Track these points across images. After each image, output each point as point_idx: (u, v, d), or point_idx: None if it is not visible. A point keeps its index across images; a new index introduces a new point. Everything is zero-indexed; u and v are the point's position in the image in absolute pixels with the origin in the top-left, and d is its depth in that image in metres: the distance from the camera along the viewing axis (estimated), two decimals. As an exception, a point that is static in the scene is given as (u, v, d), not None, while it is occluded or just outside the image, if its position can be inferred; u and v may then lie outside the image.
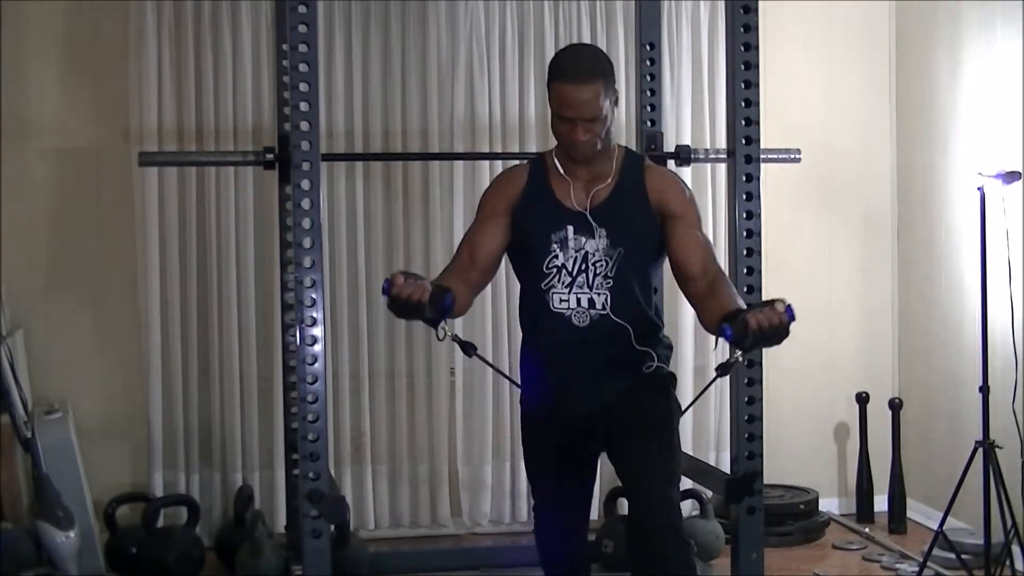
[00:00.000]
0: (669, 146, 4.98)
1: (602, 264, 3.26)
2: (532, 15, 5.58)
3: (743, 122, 4.10)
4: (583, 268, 3.27)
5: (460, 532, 5.63)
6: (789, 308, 2.94)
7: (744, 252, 4.09)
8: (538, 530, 3.50)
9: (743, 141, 4.11)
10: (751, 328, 2.93)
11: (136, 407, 5.38)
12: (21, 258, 5.26)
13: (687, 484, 4.94)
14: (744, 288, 4.07)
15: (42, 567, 4.49)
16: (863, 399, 5.82)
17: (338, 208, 5.47)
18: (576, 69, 3.21)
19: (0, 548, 4.39)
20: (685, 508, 5.35)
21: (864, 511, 5.79)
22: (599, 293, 3.26)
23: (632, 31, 5.28)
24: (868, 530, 5.63)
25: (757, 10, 4.09)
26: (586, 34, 5.59)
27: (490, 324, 5.51)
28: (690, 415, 5.60)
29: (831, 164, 5.89)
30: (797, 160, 4.69)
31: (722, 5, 4.85)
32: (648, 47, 4.84)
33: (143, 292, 5.35)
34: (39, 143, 5.37)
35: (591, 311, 3.26)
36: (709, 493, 5.12)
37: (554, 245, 3.28)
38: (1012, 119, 5.05)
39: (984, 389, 4.56)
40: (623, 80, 5.56)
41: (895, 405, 5.73)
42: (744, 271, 4.09)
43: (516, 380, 3.50)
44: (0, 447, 4.66)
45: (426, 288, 3.04)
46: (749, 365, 4.04)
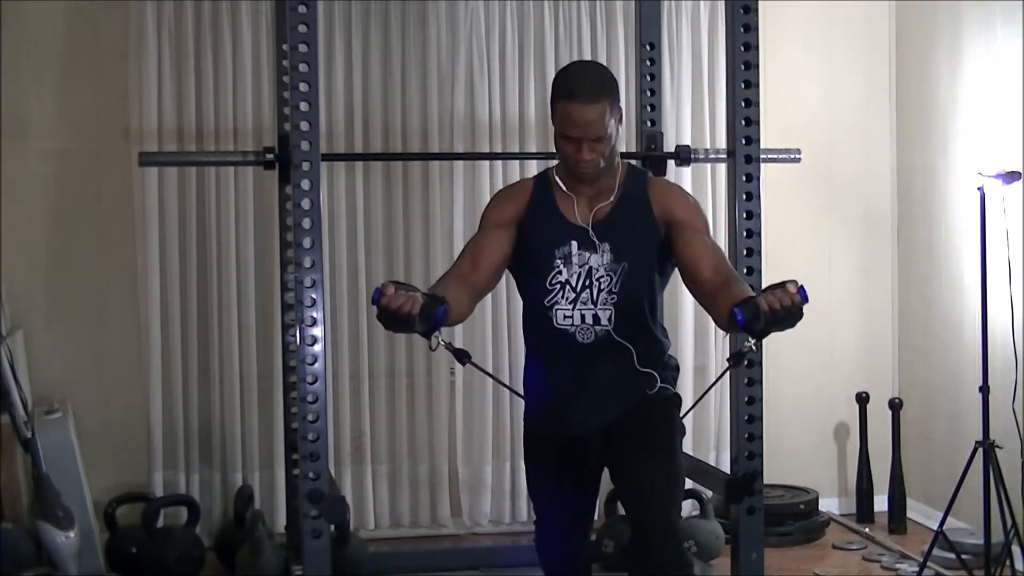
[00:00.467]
0: (669, 146, 4.98)
1: (606, 280, 3.22)
2: (532, 15, 5.58)
3: (743, 122, 4.11)
4: (587, 284, 3.22)
5: (460, 532, 5.63)
6: (801, 289, 2.81)
7: (744, 252, 4.09)
8: (539, 541, 3.48)
9: (743, 141, 4.11)
10: (762, 310, 2.80)
11: (136, 407, 5.38)
12: (21, 258, 5.26)
13: (687, 484, 4.93)
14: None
15: (42, 567, 4.49)
16: (863, 399, 5.82)
17: (338, 208, 5.47)
18: (582, 88, 3.14)
19: (0, 548, 4.39)
20: (685, 508, 5.35)
21: (864, 511, 5.79)
22: (603, 309, 3.22)
23: (632, 31, 5.28)
24: (868, 530, 5.62)
25: (757, 10, 4.10)
26: (586, 34, 5.59)
27: (490, 331, 5.51)
28: (690, 415, 5.59)
29: (831, 164, 5.89)
30: (797, 160, 4.69)
31: (722, 5, 4.85)
32: (648, 47, 4.84)
33: (143, 292, 5.35)
34: (39, 143, 5.37)
35: (595, 327, 3.22)
36: (709, 493, 5.11)
37: (558, 261, 3.24)
38: (1012, 119, 5.05)
39: (984, 389, 4.56)
40: (623, 80, 5.56)
41: (895, 405, 5.73)
42: (744, 271, 4.09)
43: (513, 387, 3.47)
44: (0, 447, 4.66)
45: (417, 300, 2.89)
46: (749, 365, 4.04)
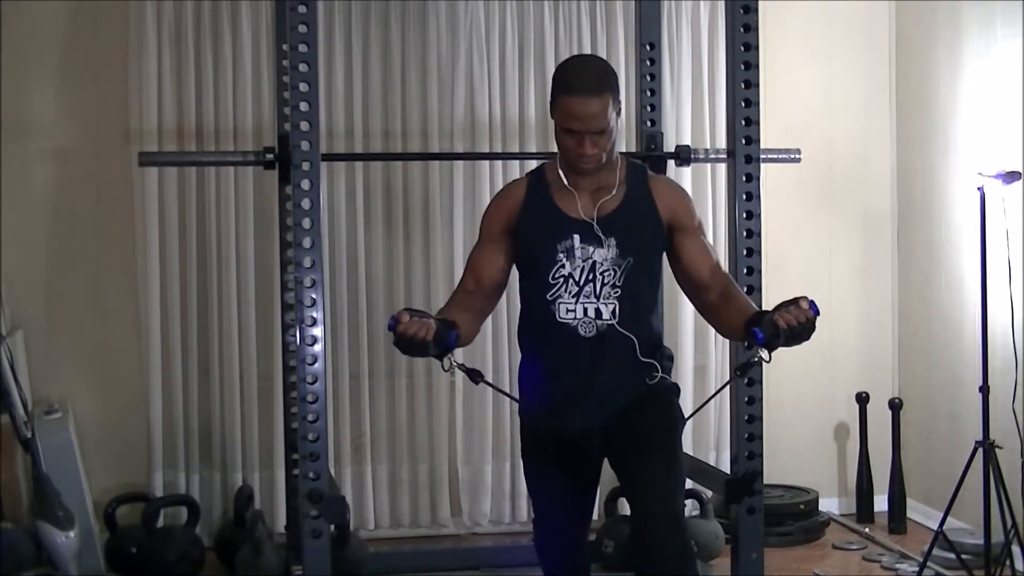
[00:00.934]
0: (669, 146, 4.98)
1: (610, 273, 3.23)
2: (532, 15, 5.58)
3: (743, 122, 4.11)
4: (591, 278, 3.23)
5: (460, 532, 5.62)
6: (813, 304, 3.03)
7: (744, 252, 4.09)
8: (539, 541, 3.48)
9: (743, 141, 4.11)
10: (781, 328, 3.01)
11: (136, 407, 5.38)
12: (21, 258, 5.26)
13: (687, 484, 4.93)
14: (744, 288, 4.07)
15: (42, 567, 4.49)
16: (863, 399, 5.82)
17: (338, 208, 5.47)
18: (584, 83, 3.17)
19: (0, 548, 4.39)
20: (685, 508, 5.35)
21: (864, 511, 5.79)
22: (606, 303, 3.23)
23: (632, 31, 5.28)
24: (868, 530, 5.62)
25: (757, 10, 4.10)
26: (586, 34, 5.59)
27: (490, 332, 5.50)
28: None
29: (831, 164, 5.89)
30: (797, 160, 4.69)
31: (722, 5, 4.85)
32: (648, 47, 4.84)
33: (143, 292, 5.35)
34: (39, 143, 5.37)
35: (597, 321, 3.23)
36: (709, 493, 5.11)
37: (560, 255, 3.24)
38: (1012, 119, 5.05)
39: (984, 389, 4.56)
40: (623, 80, 5.55)
41: (895, 405, 5.73)
42: (744, 271, 4.09)
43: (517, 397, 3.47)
44: (0, 447, 4.66)
45: (431, 326, 3.06)
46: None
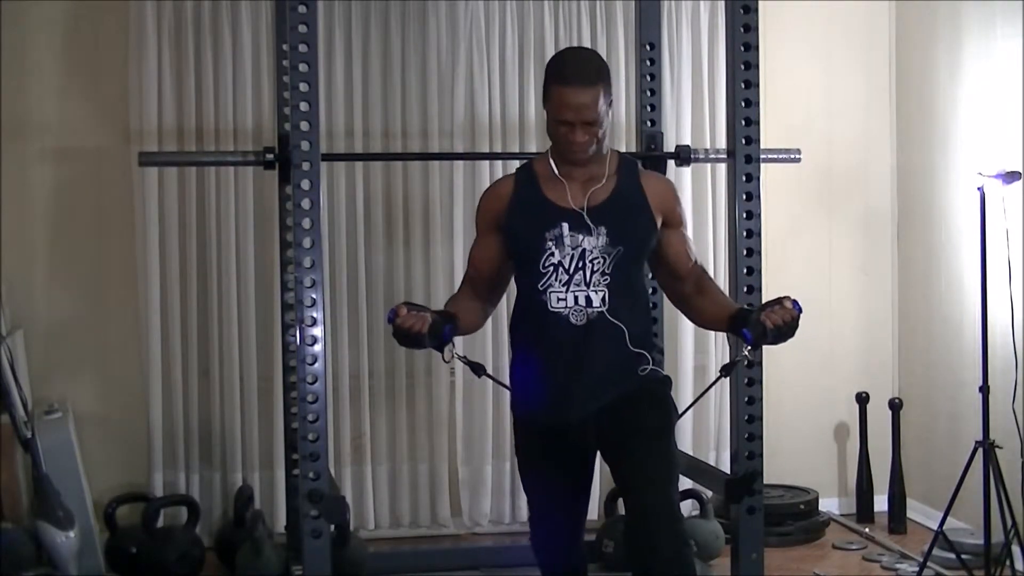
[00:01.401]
0: (669, 146, 4.98)
1: (599, 261, 3.26)
2: (532, 15, 5.58)
3: (743, 122, 4.11)
4: (580, 266, 3.26)
5: (460, 532, 5.63)
6: (796, 303, 3.18)
7: (744, 252, 4.09)
8: (536, 539, 3.48)
9: (743, 141, 4.12)
10: (768, 328, 3.16)
11: (136, 407, 5.38)
12: (21, 258, 5.26)
13: (687, 484, 4.94)
14: (744, 288, 4.08)
15: (42, 567, 4.49)
16: (863, 399, 5.82)
17: (338, 208, 5.47)
18: (576, 73, 3.22)
19: (0, 548, 4.39)
20: (685, 508, 5.35)
21: (864, 511, 5.79)
22: (596, 291, 3.26)
23: (632, 31, 5.28)
24: (868, 530, 5.62)
25: (757, 10, 4.10)
26: (586, 34, 5.58)
27: (490, 332, 5.49)
28: (690, 415, 5.59)
29: (831, 164, 5.89)
30: (797, 160, 4.69)
31: (722, 5, 4.85)
32: (648, 47, 4.84)
33: (143, 292, 5.35)
34: (39, 143, 5.37)
35: (588, 309, 3.26)
36: (709, 493, 5.11)
37: (549, 243, 3.27)
38: (1012, 119, 5.05)
39: (984, 389, 4.56)
40: (623, 80, 5.57)
41: (895, 405, 5.73)
42: (744, 271, 4.09)
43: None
44: (0, 447, 4.66)
45: (426, 319, 3.21)
46: (749, 365, 4.04)
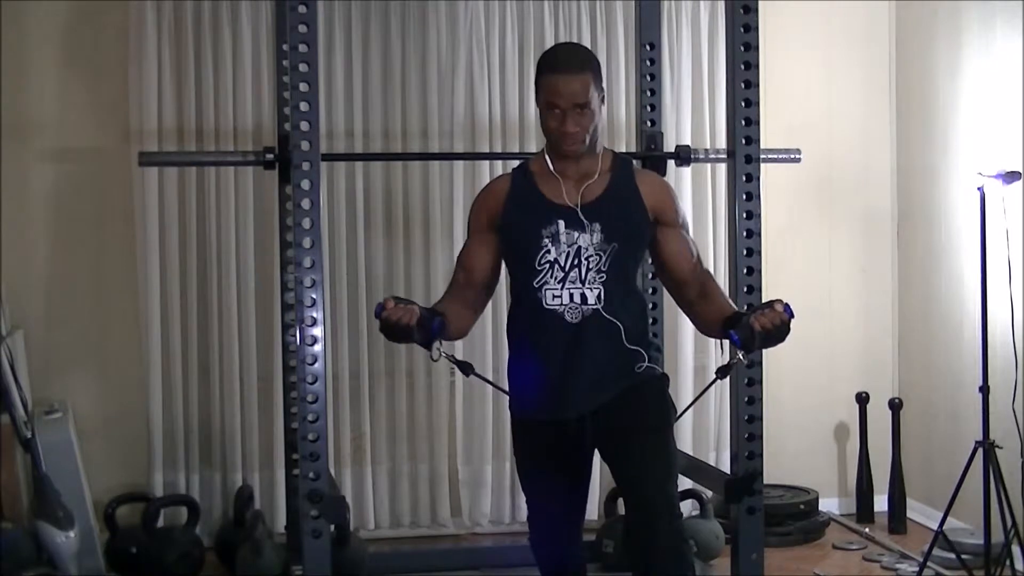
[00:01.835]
0: (669, 146, 4.98)
1: (595, 259, 3.26)
2: (532, 15, 5.58)
3: (743, 122, 4.10)
4: (575, 263, 3.26)
5: (460, 532, 5.63)
6: (787, 307, 3.12)
7: (744, 252, 4.09)
8: (534, 538, 3.47)
9: (743, 141, 4.11)
10: (756, 331, 3.11)
11: (136, 407, 5.38)
12: (21, 258, 5.26)
13: (687, 484, 4.94)
14: (744, 288, 4.07)
15: (42, 567, 4.49)
16: (863, 399, 5.82)
17: (338, 208, 5.47)
18: (565, 60, 3.28)
19: (0, 548, 4.39)
20: (685, 508, 5.35)
21: (864, 511, 5.79)
22: (592, 288, 3.26)
23: (632, 31, 5.28)
24: (868, 530, 5.62)
25: (757, 10, 4.09)
26: (586, 34, 5.58)
27: (490, 332, 5.50)
28: (690, 415, 5.60)
29: (831, 164, 5.89)
30: (797, 160, 4.69)
31: (722, 5, 4.85)
32: (648, 47, 4.84)
33: (143, 292, 5.35)
34: (39, 143, 5.37)
35: (583, 307, 3.25)
36: (709, 493, 5.11)
37: (545, 240, 3.28)
38: (1012, 119, 5.05)
39: (984, 389, 4.56)
40: (623, 80, 5.57)
41: (895, 405, 5.73)
42: (744, 271, 4.08)
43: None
44: (0, 447, 4.66)
45: (414, 312, 3.14)
46: (749, 365, 4.04)
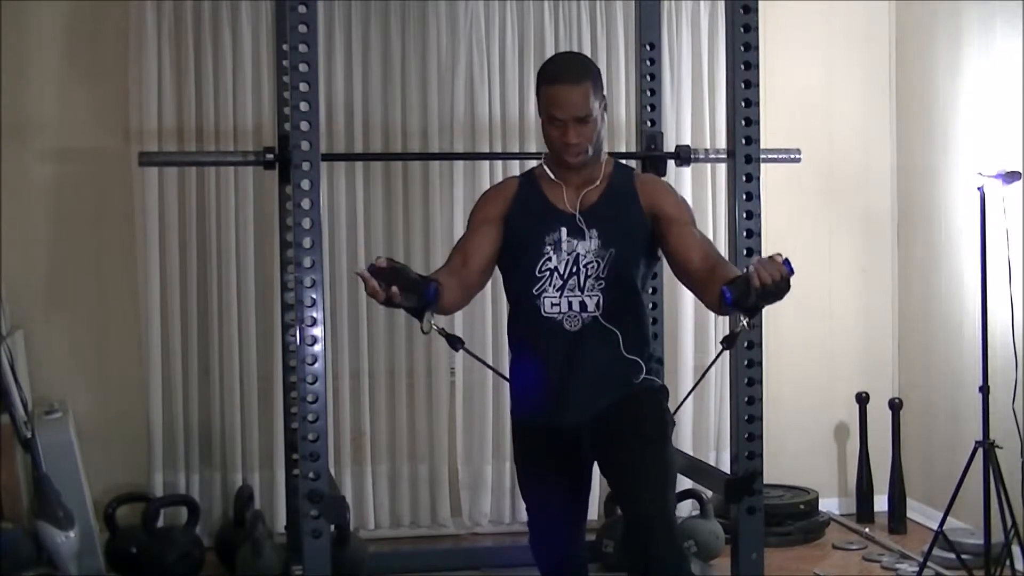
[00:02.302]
0: (669, 146, 4.98)
1: (593, 266, 3.25)
2: (532, 15, 5.58)
3: (743, 122, 4.11)
4: (574, 271, 3.25)
5: (460, 532, 5.63)
6: (787, 261, 2.87)
7: (744, 252, 4.09)
8: (535, 543, 3.46)
9: (743, 141, 4.11)
10: (753, 285, 2.87)
11: (136, 407, 5.38)
12: (21, 258, 5.26)
13: (687, 484, 4.94)
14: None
15: (42, 567, 4.49)
16: (863, 399, 5.82)
17: (338, 208, 5.47)
18: (564, 71, 3.25)
19: (0, 548, 4.39)
20: (685, 508, 5.35)
21: (864, 511, 5.79)
22: (591, 296, 3.24)
23: (632, 31, 5.28)
24: (868, 530, 5.62)
25: (757, 10, 4.09)
26: (586, 34, 5.59)
27: (490, 331, 5.50)
28: (690, 415, 5.60)
29: (831, 164, 5.89)
30: (797, 160, 4.69)
31: (722, 5, 4.85)
32: (648, 47, 4.84)
33: (143, 292, 5.35)
34: (39, 143, 5.37)
35: (582, 314, 3.24)
36: (709, 493, 5.11)
37: (547, 247, 3.27)
38: (1012, 119, 5.05)
39: (984, 389, 4.56)
40: (623, 80, 5.57)
41: (895, 405, 5.73)
42: (744, 271, 4.08)
43: (506, 375, 3.46)
44: (0, 447, 4.66)
45: (395, 294, 2.94)
46: (749, 365, 4.04)
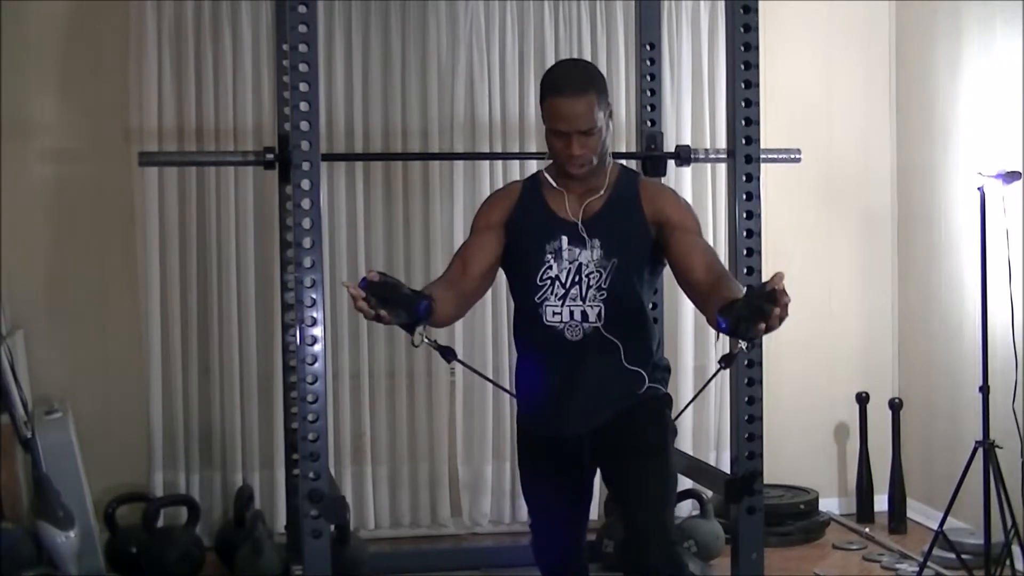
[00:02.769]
0: (669, 146, 4.98)
1: (595, 276, 3.21)
2: (532, 15, 5.58)
3: (743, 122, 4.11)
4: (576, 280, 3.21)
5: (460, 532, 5.63)
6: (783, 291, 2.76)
7: (744, 252, 4.09)
8: (535, 544, 3.46)
9: (743, 141, 4.11)
10: (759, 329, 2.79)
11: (136, 407, 5.38)
12: (21, 258, 5.26)
13: (687, 484, 4.94)
14: (744, 288, 4.07)
15: (42, 567, 4.49)
16: (863, 399, 5.82)
17: (338, 208, 5.47)
18: (569, 83, 3.17)
19: (0, 548, 4.39)
20: (685, 508, 5.36)
21: (864, 511, 5.79)
22: (592, 306, 3.20)
23: (632, 31, 5.28)
24: (868, 530, 5.62)
25: (757, 10, 4.09)
26: (586, 34, 5.59)
27: (490, 333, 5.50)
28: (690, 415, 5.60)
29: (831, 164, 5.89)
30: (797, 160, 4.69)
31: (722, 5, 4.85)
32: (648, 47, 4.84)
33: (143, 292, 5.35)
34: (39, 143, 5.37)
35: (584, 324, 3.20)
36: (709, 493, 5.11)
37: (548, 255, 3.23)
38: (1012, 119, 5.05)
39: (984, 389, 4.56)
40: (623, 80, 5.57)
41: (895, 405, 5.73)
42: (744, 271, 4.09)
43: (502, 383, 3.45)
44: (0, 447, 4.66)
45: (384, 316, 2.88)
46: (749, 365, 4.04)
